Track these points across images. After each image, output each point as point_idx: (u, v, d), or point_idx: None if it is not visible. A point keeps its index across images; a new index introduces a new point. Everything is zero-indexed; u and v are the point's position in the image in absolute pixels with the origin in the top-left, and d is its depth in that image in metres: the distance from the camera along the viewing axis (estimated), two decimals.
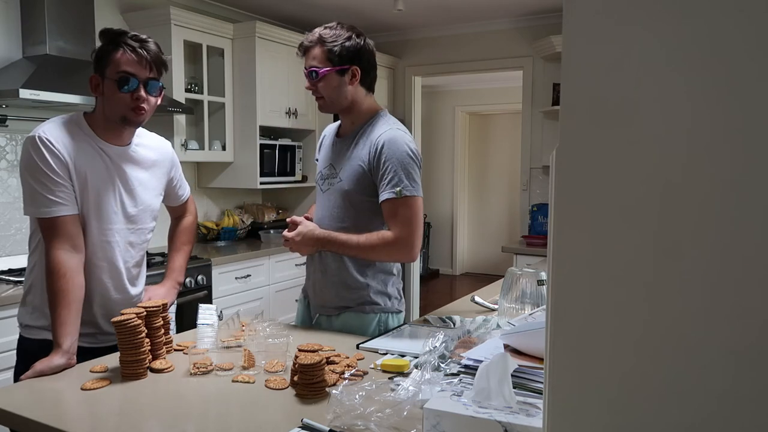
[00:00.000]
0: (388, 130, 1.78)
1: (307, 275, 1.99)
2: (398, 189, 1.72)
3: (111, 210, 1.68)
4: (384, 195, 1.74)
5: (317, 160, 2.03)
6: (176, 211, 2.01)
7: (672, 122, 0.51)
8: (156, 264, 2.91)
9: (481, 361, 1.07)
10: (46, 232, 1.57)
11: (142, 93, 1.62)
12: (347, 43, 1.77)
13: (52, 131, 1.59)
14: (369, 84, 1.86)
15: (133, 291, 1.79)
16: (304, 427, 1.14)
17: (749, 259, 0.48)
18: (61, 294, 1.52)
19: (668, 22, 0.50)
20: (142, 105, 1.63)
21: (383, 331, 1.83)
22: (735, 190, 0.49)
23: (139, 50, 1.61)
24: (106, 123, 1.67)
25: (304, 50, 1.81)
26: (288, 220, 1.88)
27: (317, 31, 1.80)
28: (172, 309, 1.80)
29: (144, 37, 1.65)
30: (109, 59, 1.61)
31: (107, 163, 1.67)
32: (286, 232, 1.87)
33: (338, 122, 1.98)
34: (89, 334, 1.70)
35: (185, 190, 1.98)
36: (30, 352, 1.59)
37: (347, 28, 1.80)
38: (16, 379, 1.60)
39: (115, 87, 1.60)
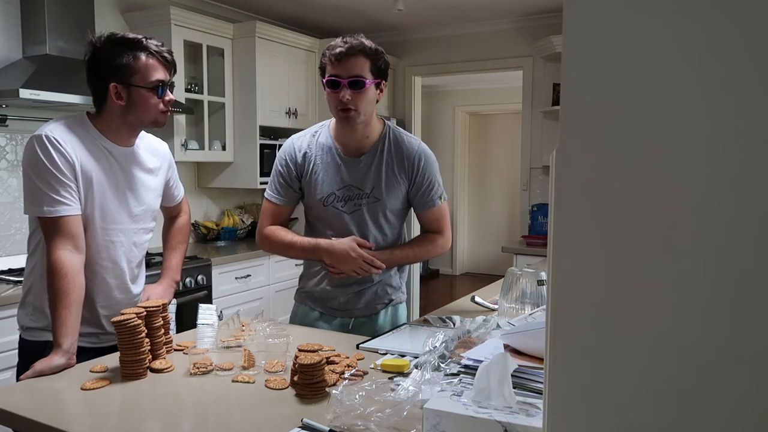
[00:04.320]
0: (418, 145, 1.90)
1: (324, 285, 1.93)
2: (441, 195, 1.93)
3: (116, 210, 1.69)
4: (431, 203, 1.91)
5: (298, 179, 1.91)
6: (171, 211, 2.02)
7: (672, 122, 0.51)
8: (157, 264, 2.90)
9: (481, 361, 1.07)
10: (49, 231, 1.57)
11: (171, 95, 1.70)
12: (385, 58, 1.82)
13: (59, 131, 1.59)
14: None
15: (135, 290, 1.80)
16: (304, 427, 1.14)
17: (750, 259, 0.48)
18: (62, 294, 1.53)
19: (669, 21, 0.50)
20: (170, 107, 1.70)
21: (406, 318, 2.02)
22: (736, 191, 0.49)
23: (165, 54, 1.67)
24: (121, 126, 1.68)
25: (342, 56, 1.72)
26: (358, 241, 1.82)
27: (353, 40, 1.74)
28: (172, 309, 1.80)
29: (156, 41, 1.68)
30: (135, 67, 1.62)
31: (112, 164, 1.68)
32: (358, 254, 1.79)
33: (313, 136, 1.93)
34: (92, 334, 1.71)
35: (180, 190, 2.00)
36: (31, 354, 1.59)
37: (375, 43, 1.80)
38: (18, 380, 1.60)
39: (151, 94, 1.64)
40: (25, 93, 2.55)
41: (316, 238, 1.88)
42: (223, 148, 3.89)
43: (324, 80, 1.78)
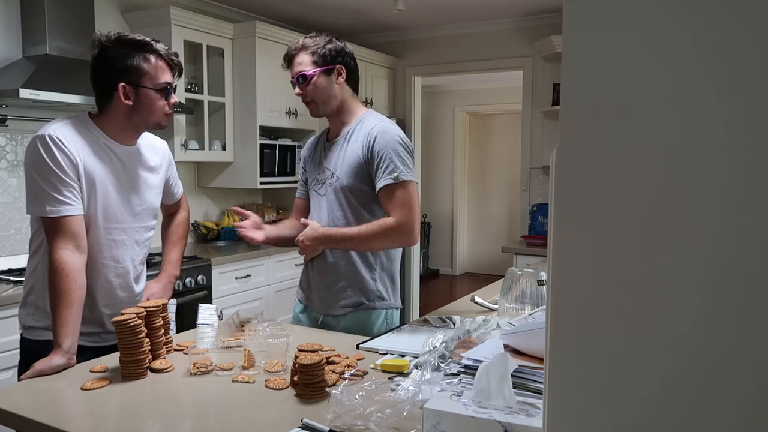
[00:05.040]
0: (379, 123, 1.88)
1: (307, 278, 2.01)
2: (395, 174, 1.79)
3: (119, 209, 1.70)
4: (382, 182, 1.81)
5: (304, 169, 2.09)
6: (170, 208, 2.03)
7: (673, 122, 0.51)
8: (157, 264, 2.90)
9: (481, 361, 1.07)
10: (51, 231, 1.57)
11: (176, 98, 1.73)
12: (329, 45, 1.88)
13: (62, 130, 1.60)
14: (354, 85, 1.94)
15: (137, 289, 1.81)
16: (304, 427, 1.14)
17: (750, 259, 0.48)
18: (63, 294, 1.53)
19: (669, 20, 0.50)
20: (173, 109, 1.73)
21: (389, 326, 1.91)
22: (737, 191, 0.49)
23: (173, 57, 1.69)
24: (125, 126, 1.69)
25: (289, 60, 1.89)
26: (302, 221, 1.94)
27: (299, 41, 1.90)
28: (172, 309, 1.80)
29: (163, 44, 1.70)
30: (144, 69, 1.64)
31: (115, 163, 1.69)
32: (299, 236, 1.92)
33: (321, 133, 2.07)
34: (94, 333, 1.71)
35: (180, 188, 2.02)
36: (33, 353, 1.59)
37: (326, 34, 1.91)
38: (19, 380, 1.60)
39: (159, 96, 1.67)
40: (25, 93, 2.55)
41: None
42: (223, 148, 3.89)
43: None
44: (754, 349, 0.49)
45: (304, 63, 1.86)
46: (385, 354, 1.58)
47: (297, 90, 1.89)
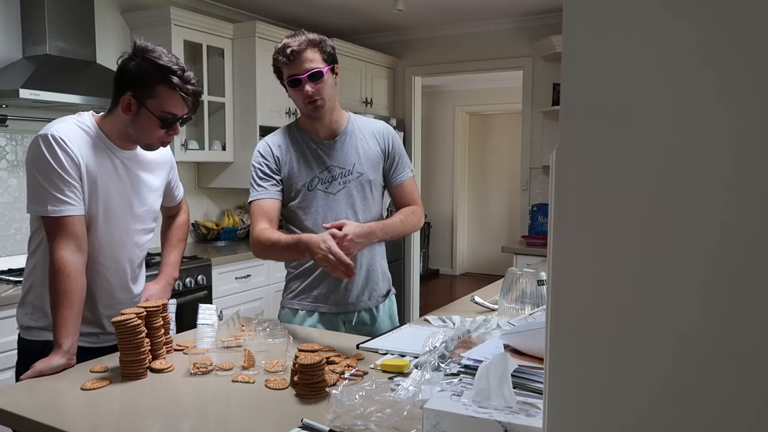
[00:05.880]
0: (381, 122, 2.01)
1: (329, 282, 1.90)
2: (411, 167, 2.02)
3: (119, 210, 1.70)
4: (404, 175, 1.98)
5: (278, 171, 1.90)
6: (170, 210, 2.03)
7: (673, 121, 0.51)
8: (157, 264, 2.90)
9: (481, 361, 1.07)
10: (52, 231, 1.57)
11: (178, 128, 1.68)
12: (330, 43, 1.85)
13: (65, 131, 1.59)
14: None
15: (136, 290, 1.81)
16: (304, 427, 1.14)
17: (750, 259, 0.48)
18: (64, 294, 1.53)
19: (671, 19, 0.50)
20: (171, 138, 1.69)
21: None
22: (737, 191, 0.49)
23: (191, 91, 1.64)
24: (123, 133, 1.67)
25: (295, 55, 1.76)
26: (327, 226, 1.71)
27: (299, 36, 1.79)
28: (172, 309, 1.80)
29: (190, 74, 1.65)
30: (154, 91, 1.60)
31: (117, 165, 1.69)
32: (330, 242, 1.61)
33: (287, 134, 1.94)
34: (93, 334, 1.71)
35: (180, 190, 2.01)
36: (31, 354, 1.59)
37: (314, 32, 1.86)
38: (18, 380, 1.60)
39: (156, 123, 1.62)
40: (25, 93, 2.55)
41: (294, 232, 1.86)
42: (223, 148, 3.89)
43: (284, 81, 1.85)
44: (755, 349, 0.49)
45: (317, 60, 1.77)
46: (385, 354, 1.58)
47: (307, 88, 1.77)
